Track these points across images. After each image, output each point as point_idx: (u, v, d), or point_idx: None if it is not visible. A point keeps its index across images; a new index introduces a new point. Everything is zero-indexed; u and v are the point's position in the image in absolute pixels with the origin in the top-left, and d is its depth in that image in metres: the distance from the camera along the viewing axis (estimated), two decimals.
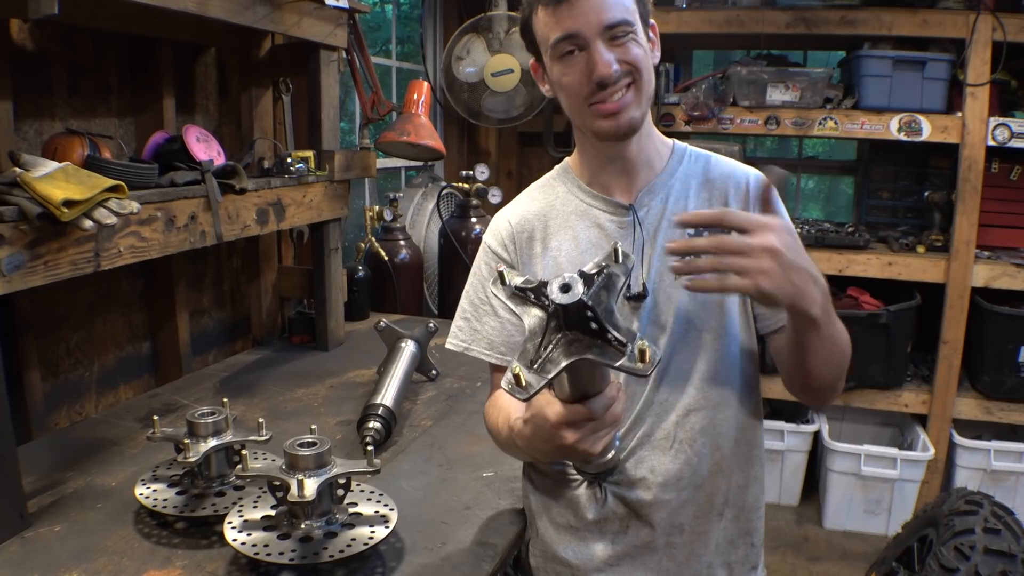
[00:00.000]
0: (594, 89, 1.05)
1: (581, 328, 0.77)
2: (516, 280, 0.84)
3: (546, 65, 1.12)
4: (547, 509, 1.24)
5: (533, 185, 1.28)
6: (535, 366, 0.77)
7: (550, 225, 1.20)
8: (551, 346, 0.78)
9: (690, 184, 1.17)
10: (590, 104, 1.07)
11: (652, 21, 1.12)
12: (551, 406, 0.88)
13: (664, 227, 1.14)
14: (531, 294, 0.83)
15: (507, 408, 1.13)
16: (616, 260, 0.83)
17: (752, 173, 1.18)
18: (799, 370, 1.08)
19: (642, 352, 0.74)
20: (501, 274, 0.85)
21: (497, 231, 1.23)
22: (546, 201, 1.22)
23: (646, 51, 1.08)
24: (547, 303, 0.79)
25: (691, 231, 1.13)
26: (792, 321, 0.99)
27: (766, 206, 1.05)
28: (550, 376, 0.76)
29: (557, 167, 1.27)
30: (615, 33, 1.04)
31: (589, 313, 0.76)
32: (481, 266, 1.24)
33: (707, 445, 1.14)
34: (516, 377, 0.75)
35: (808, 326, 0.96)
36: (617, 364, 0.75)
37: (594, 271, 0.81)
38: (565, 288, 0.75)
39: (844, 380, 1.12)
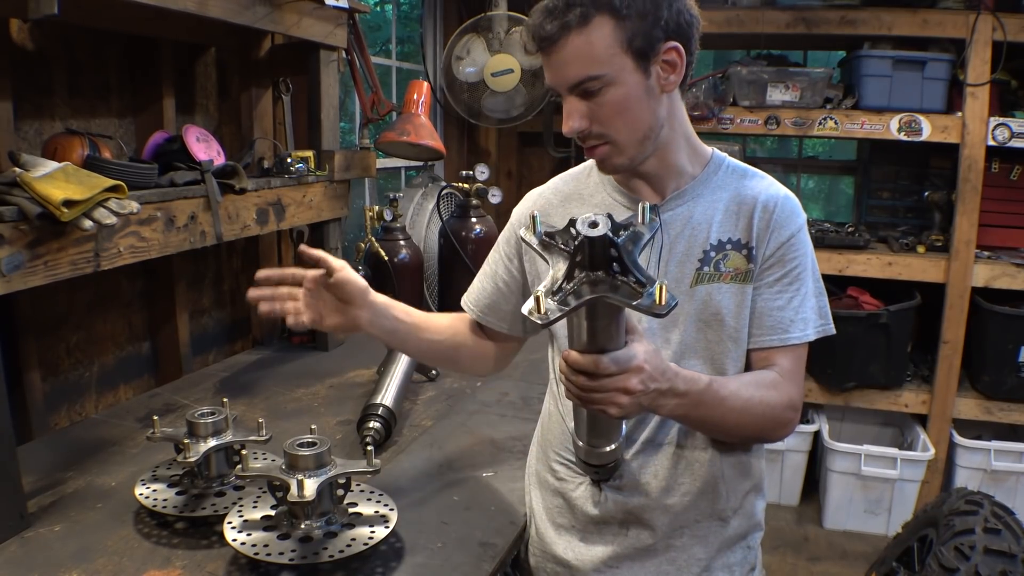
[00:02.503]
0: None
1: (605, 268, 0.80)
2: (546, 227, 0.87)
3: None
4: (547, 510, 1.24)
5: (571, 170, 1.30)
6: (556, 297, 0.80)
7: (571, 211, 1.20)
8: (574, 282, 0.80)
9: (720, 196, 1.15)
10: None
11: (674, 43, 1.04)
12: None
13: (686, 233, 1.13)
14: (558, 239, 0.85)
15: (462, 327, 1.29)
16: (643, 221, 0.85)
17: (782, 195, 1.15)
18: None
19: (660, 292, 0.77)
20: (534, 219, 0.87)
21: (521, 207, 1.29)
22: (575, 188, 1.24)
23: (626, 100, 1.03)
24: (573, 241, 0.82)
25: (713, 240, 1.13)
26: None
27: None
28: (569, 308, 0.78)
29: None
30: (583, 89, 1.03)
31: (614, 251, 0.79)
32: (500, 236, 1.30)
33: (710, 451, 1.15)
34: (536, 301, 0.77)
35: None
36: (635, 303, 0.78)
37: (622, 223, 0.83)
38: (593, 224, 0.78)
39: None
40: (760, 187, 1.15)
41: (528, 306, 0.78)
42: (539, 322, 0.78)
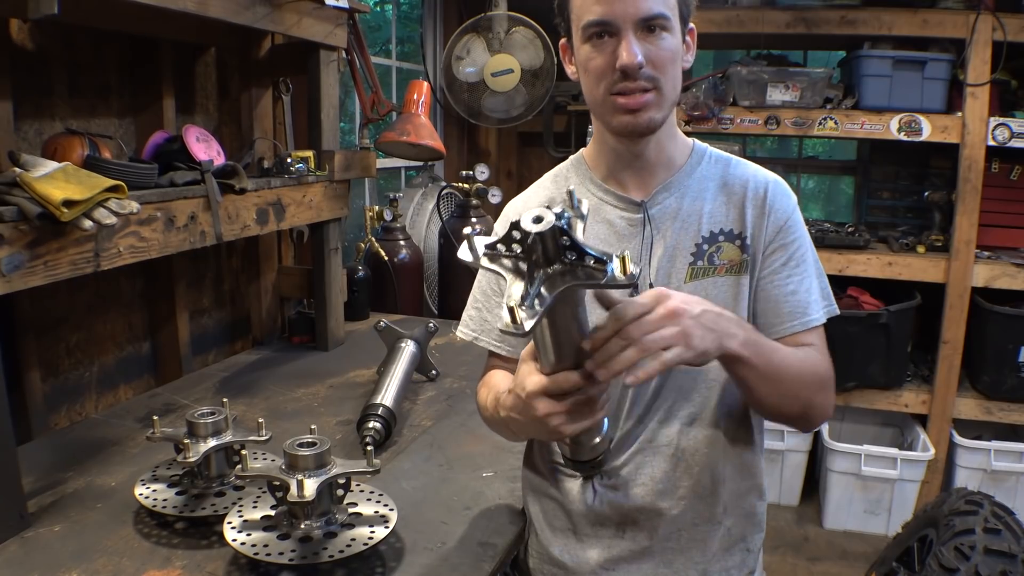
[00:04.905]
0: (618, 77, 1.03)
1: (559, 259, 0.79)
2: (484, 240, 0.83)
3: (575, 45, 1.09)
4: (544, 511, 1.24)
5: (546, 175, 1.27)
6: (524, 304, 0.77)
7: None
8: (535, 283, 0.79)
9: (707, 186, 1.14)
10: (612, 94, 1.05)
11: (692, 25, 1.10)
12: (531, 375, 0.89)
13: (676, 227, 1.12)
14: (501, 246, 0.82)
15: (498, 386, 1.14)
16: (573, 207, 0.83)
17: (771, 179, 1.14)
18: (753, 405, 1.11)
19: (623, 263, 0.75)
20: (469, 238, 0.83)
21: (504, 221, 1.22)
22: (557, 190, 1.22)
23: (677, 51, 1.06)
24: (516, 243, 0.80)
25: (705, 232, 1.12)
26: (723, 364, 1.00)
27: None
28: (543, 309, 0.76)
29: (571, 158, 1.25)
30: (650, 26, 1.01)
31: (565, 239, 0.77)
32: None
33: (710, 455, 1.13)
34: (511, 312, 0.75)
35: (736, 364, 0.97)
36: (603, 281, 0.76)
37: (556, 212, 0.81)
38: (537, 219, 0.77)
39: (818, 404, 1.08)
40: (747, 173, 1.15)
41: (503, 321, 0.76)
42: (518, 333, 0.76)
